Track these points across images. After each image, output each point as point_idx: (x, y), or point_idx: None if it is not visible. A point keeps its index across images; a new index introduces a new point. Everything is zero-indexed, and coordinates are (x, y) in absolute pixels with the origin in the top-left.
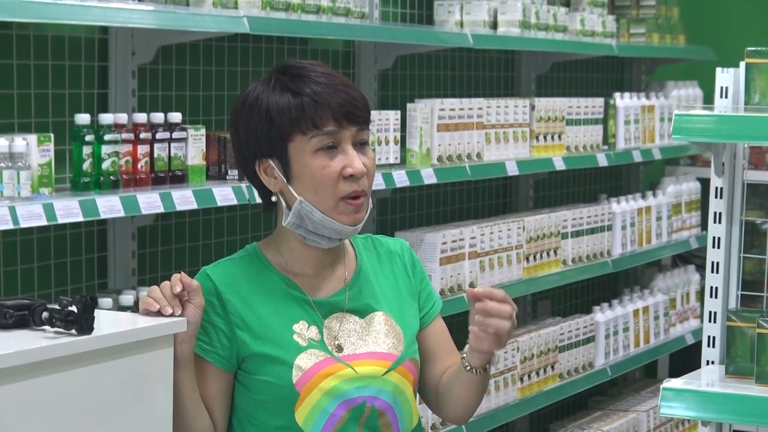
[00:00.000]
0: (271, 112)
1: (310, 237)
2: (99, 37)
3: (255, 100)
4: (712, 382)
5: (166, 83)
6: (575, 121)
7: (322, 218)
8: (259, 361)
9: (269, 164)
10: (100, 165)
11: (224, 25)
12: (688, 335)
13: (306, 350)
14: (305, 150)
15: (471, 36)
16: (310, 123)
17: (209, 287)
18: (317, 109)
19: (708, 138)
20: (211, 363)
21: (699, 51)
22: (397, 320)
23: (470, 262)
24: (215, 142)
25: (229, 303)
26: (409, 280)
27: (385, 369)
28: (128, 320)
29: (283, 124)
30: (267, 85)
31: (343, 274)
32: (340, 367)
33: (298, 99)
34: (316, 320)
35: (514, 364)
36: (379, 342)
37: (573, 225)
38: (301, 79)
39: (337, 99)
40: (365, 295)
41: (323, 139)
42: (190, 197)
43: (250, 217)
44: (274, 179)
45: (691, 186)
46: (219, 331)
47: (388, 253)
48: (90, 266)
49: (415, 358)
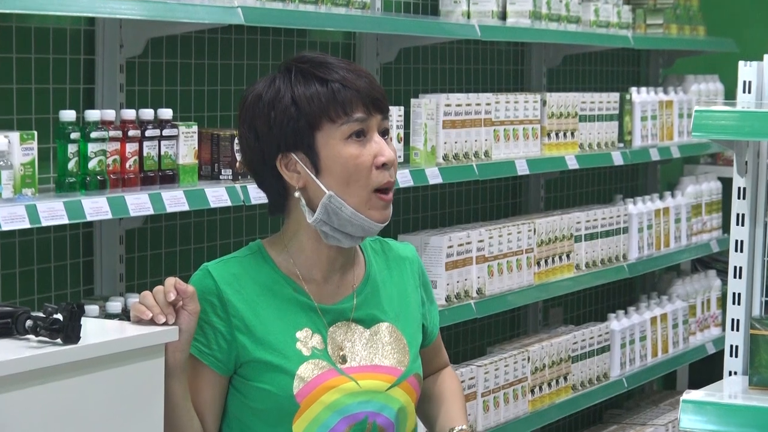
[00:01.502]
0: (298, 102)
1: (332, 234)
2: (85, 28)
3: (276, 93)
4: (735, 393)
5: (156, 78)
6: (589, 118)
7: (352, 214)
8: (259, 367)
9: (291, 158)
10: (86, 164)
11: (217, 16)
12: (709, 344)
13: (309, 360)
14: (335, 138)
15: (478, 27)
16: (340, 109)
17: (210, 286)
18: (347, 95)
19: (730, 135)
20: (207, 366)
21: (720, 43)
22: (402, 332)
23: (478, 267)
24: (208, 139)
25: (231, 304)
26: (416, 289)
27: (389, 384)
28: (116, 329)
29: (312, 112)
30: (287, 77)
31: (352, 279)
32: (343, 379)
33: (327, 86)
34: (321, 328)
35: (524, 375)
36: (384, 355)
37: (587, 227)
38: (324, 66)
39: (363, 84)
40: (372, 304)
41: (353, 125)
42: (181, 198)
43: (244, 219)
44: (297, 174)
45: (712, 186)
46: (218, 333)
47: (398, 259)
48: (75, 271)
49: (418, 373)
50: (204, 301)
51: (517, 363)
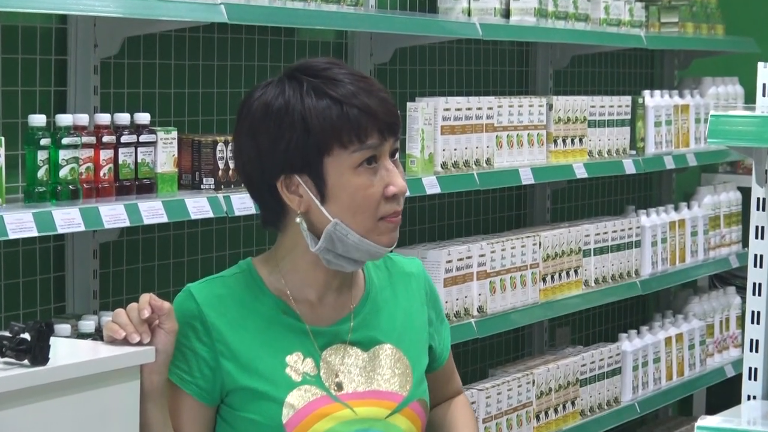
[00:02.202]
0: (307, 120)
1: (336, 261)
2: (57, 26)
3: (285, 105)
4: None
5: (133, 79)
6: (599, 123)
7: (358, 241)
8: (246, 396)
9: (295, 181)
10: (57, 172)
11: (199, 14)
12: (728, 367)
13: (299, 386)
14: (344, 165)
15: (480, 26)
16: (353, 135)
17: (192, 308)
18: (361, 119)
19: (748, 142)
20: (190, 395)
21: (740, 43)
22: (406, 354)
23: (479, 283)
24: (188, 146)
25: (215, 328)
26: (422, 308)
27: (390, 411)
28: (89, 349)
29: (323, 135)
30: (297, 89)
31: (349, 300)
32: (337, 407)
33: (340, 106)
34: (313, 352)
35: (529, 399)
36: (385, 379)
37: (596, 241)
38: (337, 83)
39: (377, 105)
40: (372, 325)
41: (365, 152)
42: (159, 209)
43: (227, 232)
44: (299, 197)
45: (731, 196)
46: (201, 359)
47: (403, 275)
48: (45, 288)
49: (424, 399)
50: (186, 326)
51: (521, 387)
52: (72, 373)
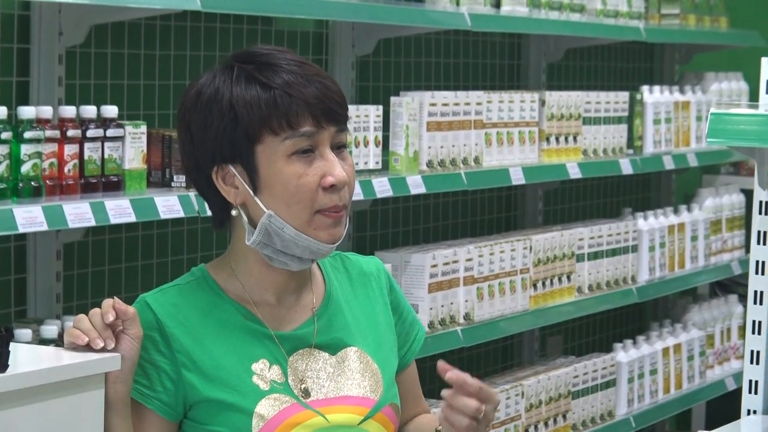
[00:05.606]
0: (235, 108)
1: (277, 258)
2: (19, 13)
3: (215, 93)
4: None
5: (100, 70)
6: (594, 120)
7: (295, 235)
8: (212, 408)
9: (229, 171)
10: (19, 168)
11: (171, 1)
12: (729, 379)
13: (268, 395)
14: (277, 154)
15: (469, 16)
16: (284, 121)
17: (150, 319)
18: (292, 105)
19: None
20: (152, 411)
21: (744, 36)
22: (373, 357)
23: (465, 288)
24: (158, 141)
25: (174, 338)
26: (386, 308)
27: (362, 417)
28: (51, 356)
29: (251, 122)
30: (228, 76)
31: (310, 301)
32: (308, 414)
33: (269, 92)
34: (279, 358)
35: (518, 412)
36: (355, 384)
37: (590, 245)
38: (271, 69)
39: (314, 92)
40: (336, 327)
41: (299, 141)
42: (127, 208)
43: (199, 233)
44: (235, 189)
45: (734, 199)
46: (161, 372)
47: (362, 275)
48: (5, 290)
49: (395, 403)
50: (144, 338)
51: (510, 399)
52: (33, 380)
